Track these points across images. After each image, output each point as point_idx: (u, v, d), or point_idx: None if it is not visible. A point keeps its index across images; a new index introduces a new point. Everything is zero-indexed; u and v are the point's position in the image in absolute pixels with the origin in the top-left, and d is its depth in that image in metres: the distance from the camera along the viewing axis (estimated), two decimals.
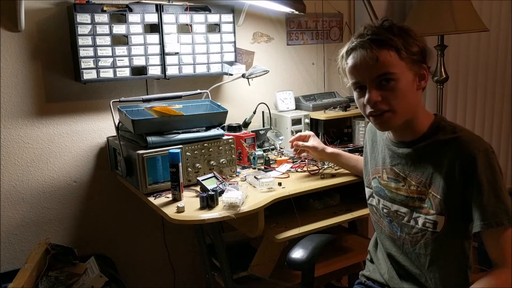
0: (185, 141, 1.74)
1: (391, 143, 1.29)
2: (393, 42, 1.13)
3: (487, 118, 2.97)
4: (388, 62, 1.13)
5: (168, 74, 2.00)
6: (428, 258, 1.22)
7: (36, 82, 1.87)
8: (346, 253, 1.96)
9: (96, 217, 2.08)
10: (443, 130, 1.20)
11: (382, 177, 1.33)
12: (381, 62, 1.13)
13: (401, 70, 1.15)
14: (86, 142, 2.00)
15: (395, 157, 1.28)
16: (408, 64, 1.15)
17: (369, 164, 1.41)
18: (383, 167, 1.32)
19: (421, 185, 1.21)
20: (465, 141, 1.15)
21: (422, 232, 1.22)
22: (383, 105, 1.16)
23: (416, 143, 1.23)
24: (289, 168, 1.88)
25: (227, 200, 1.51)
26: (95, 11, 1.81)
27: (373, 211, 1.40)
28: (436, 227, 1.19)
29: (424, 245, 1.22)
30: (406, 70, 1.15)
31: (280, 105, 2.28)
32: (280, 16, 2.39)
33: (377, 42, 1.13)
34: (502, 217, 1.09)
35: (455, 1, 2.27)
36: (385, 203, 1.32)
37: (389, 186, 1.30)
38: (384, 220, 1.34)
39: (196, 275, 2.33)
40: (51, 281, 1.71)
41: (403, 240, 1.28)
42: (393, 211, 1.29)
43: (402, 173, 1.26)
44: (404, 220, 1.26)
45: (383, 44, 1.13)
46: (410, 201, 1.24)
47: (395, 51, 1.14)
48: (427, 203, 1.20)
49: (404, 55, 1.14)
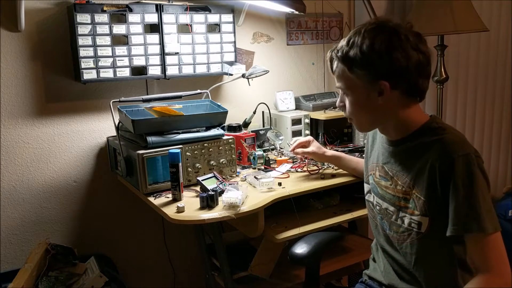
0: (185, 141, 1.74)
1: (385, 141, 1.31)
2: (344, 57, 1.18)
3: (487, 118, 2.97)
4: (340, 77, 1.22)
5: (168, 74, 2.00)
6: (414, 257, 1.24)
7: (36, 82, 1.87)
8: (346, 253, 1.96)
9: (96, 217, 2.08)
10: (431, 132, 1.19)
11: (375, 175, 1.35)
12: (336, 75, 1.23)
13: (352, 84, 1.20)
14: (86, 142, 2.01)
15: (386, 156, 1.30)
16: (360, 80, 1.18)
17: (368, 161, 1.42)
18: (377, 165, 1.35)
19: (405, 185, 1.22)
20: (447, 144, 1.14)
21: (408, 232, 1.23)
22: (346, 112, 1.27)
23: (403, 143, 1.24)
24: (289, 168, 1.88)
25: (227, 200, 1.52)
26: (95, 11, 1.81)
27: (370, 207, 1.41)
28: (421, 228, 1.20)
29: (410, 244, 1.24)
30: (358, 85, 1.19)
31: (280, 105, 2.28)
32: (280, 16, 2.39)
33: (336, 55, 1.21)
34: (471, 224, 1.08)
35: (455, 1, 2.27)
36: (377, 200, 1.34)
37: (380, 184, 1.32)
38: (377, 217, 1.36)
39: (196, 275, 2.33)
40: (51, 281, 1.71)
41: (391, 238, 1.30)
42: (383, 208, 1.31)
43: (390, 172, 1.28)
44: (392, 219, 1.28)
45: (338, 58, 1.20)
46: (397, 200, 1.26)
47: (346, 66, 1.18)
48: (412, 203, 1.21)
49: (355, 71, 1.17)
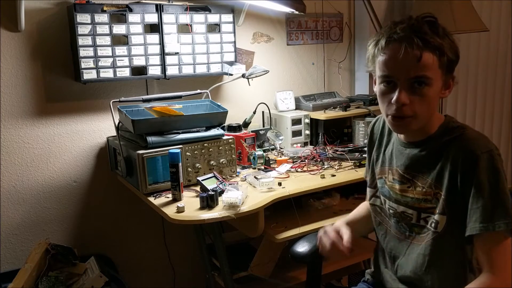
0: (185, 141, 1.74)
1: (400, 144, 1.26)
2: (438, 45, 1.07)
3: (487, 118, 2.97)
4: (428, 65, 1.07)
5: (168, 74, 2.00)
6: (427, 258, 1.21)
7: (36, 82, 1.87)
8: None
9: (96, 217, 2.08)
10: (451, 131, 1.17)
11: (388, 178, 1.30)
12: (422, 64, 1.06)
13: (436, 76, 1.09)
14: (86, 142, 2.00)
15: (402, 158, 1.25)
16: (443, 71, 1.11)
17: (375, 165, 1.37)
18: (390, 168, 1.30)
19: (426, 185, 1.19)
20: (470, 139, 1.12)
21: (428, 231, 1.20)
22: (408, 110, 1.10)
23: (423, 144, 1.20)
24: (289, 168, 1.88)
25: (227, 200, 1.52)
26: (95, 11, 1.81)
27: (377, 212, 1.37)
28: (437, 227, 1.17)
29: (425, 245, 1.21)
30: (439, 77, 1.11)
31: (280, 105, 2.28)
32: (280, 16, 2.39)
33: (423, 41, 1.06)
34: (501, 222, 1.06)
35: (455, 1, 2.27)
36: (390, 204, 1.30)
37: (394, 188, 1.28)
38: (390, 221, 1.32)
39: (196, 275, 2.33)
40: (51, 281, 1.71)
41: (411, 240, 1.26)
42: (399, 212, 1.27)
43: (408, 175, 1.23)
44: (413, 221, 1.24)
45: (428, 45, 1.06)
46: (416, 202, 1.22)
47: (437, 55, 1.08)
48: (433, 203, 1.18)
49: (443, 61, 1.09)
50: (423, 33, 1.07)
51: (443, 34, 1.09)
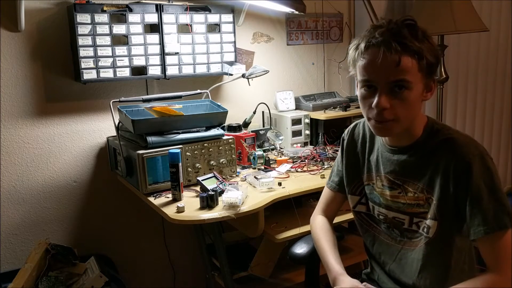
0: (185, 141, 1.74)
1: (386, 150, 1.25)
2: (416, 49, 1.06)
3: (487, 118, 2.97)
4: (408, 69, 1.07)
5: (168, 74, 2.00)
6: (420, 263, 1.20)
7: (36, 82, 1.87)
8: (346, 253, 1.96)
9: (96, 217, 2.08)
10: (437, 134, 1.17)
11: (377, 184, 1.29)
12: (401, 68, 1.06)
13: (416, 79, 1.08)
14: (86, 142, 2.01)
15: (391, 165, 1.24)
16: (423, 75, 1.10)
17: (362, 171, 1.34)
18: (377, 175, 1.28)
19: (418, 190, 1.19)
20: (460, 145, 1.12)
21: (420, 236, 1.20)
22: (389, 114, 1.10)
23: (411, 149, 1.20)
24: (289, 168, 1.88)
25: (227, 200, 1.52)
26: (95, 11, 1.81)
27: (363, 219, 1.35)
28: (429, 232, 1.17)
29: (418, 250, 1.21)
30: (420, 80, 1.10)
31: (280, 105, 2.28)
32: (280, 16, 2.39)
33: (402, 45, 1.06)
34: (504, 220, 1.07)
35: (455, 1, 2.27)
36: (380, 210, 1.29)
37: (384, 194, 1.27)
38: (380, 227, 1.31)
39: (196, 275, 2.33)
40: (51, 281, 1.71)
41: (402, 245, 1.26)
42: (390, 218, 1.26)
43: (398, 180, 1.22)
44: (405, 226, 1.24)
45: (407, 49, 1.06)
46: (408, 207, 1.22)
47: (416, 59, 1.07)
48: (426, 207, 1.18)
49: (423, 65, 1.07)
50: (401, 37, 1.06)
51: (422, 38, 1.09)
